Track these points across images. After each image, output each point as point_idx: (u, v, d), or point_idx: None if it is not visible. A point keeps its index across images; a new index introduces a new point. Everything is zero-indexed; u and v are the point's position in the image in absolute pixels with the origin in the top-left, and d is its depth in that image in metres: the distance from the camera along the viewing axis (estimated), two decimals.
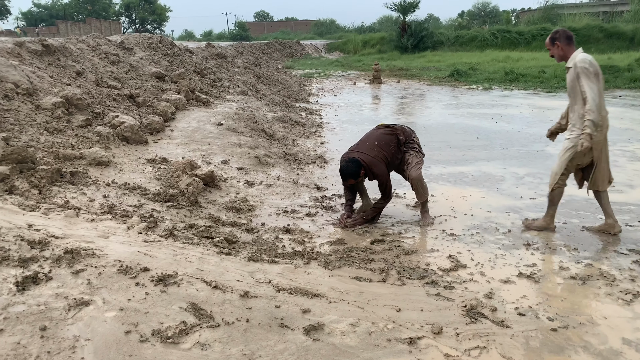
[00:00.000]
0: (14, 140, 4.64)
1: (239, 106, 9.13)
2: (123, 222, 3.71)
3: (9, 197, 3.77)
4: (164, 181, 4.88)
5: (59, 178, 4.26)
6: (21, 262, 2.90)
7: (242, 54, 17.28)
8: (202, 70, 11.21)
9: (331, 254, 3.79)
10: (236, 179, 5.51)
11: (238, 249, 3.70)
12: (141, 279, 2.93)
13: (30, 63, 6.63)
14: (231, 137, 6.91)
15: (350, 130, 9.50)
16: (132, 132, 5.82)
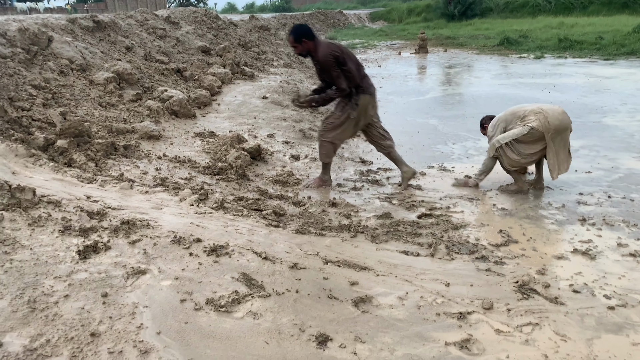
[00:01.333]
0: (70, 115, 4.83)
1: (283, 79, 9.12)
2: (175, 195, 3.82)
3: (68, 170, 3.94)
4: (213, 154, 4.96)
5: (113, 151, 4.41)
6: (82, 232, 3.05)
7: (285, 25, 17.17)
8: (247, 44, 11.23)
9: (378, 227, 3.78)
10: (282, 153, 5.55)
11: (286, 222, 3.74)
12: (194, 249, 3.02)
13: (82, 39, 6.82)
14: (276, 111, 6.93)
15: (395, 102, 9.34)
16: (180, 106, 5.93)
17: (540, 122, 4.38)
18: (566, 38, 17.82)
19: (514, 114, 4.59)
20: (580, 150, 5.96)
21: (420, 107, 8.85)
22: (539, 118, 4.39)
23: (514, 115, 4.57)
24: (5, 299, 2.34)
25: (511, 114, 4.62)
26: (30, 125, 4.38)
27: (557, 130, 4.40)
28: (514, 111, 4.63)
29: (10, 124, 4.23)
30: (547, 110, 4.43)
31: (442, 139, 6.63)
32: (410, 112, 8.45)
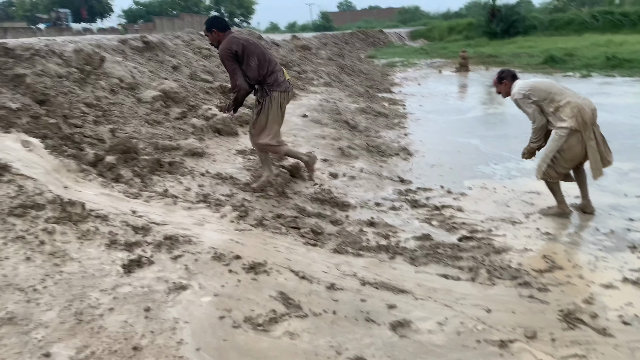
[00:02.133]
0: (119, 132, 5.03)
1: (323, 98, 9.22)
2: (216, 211, 3.90)
3: (115, 185, 4.09)
4: (253, 172, 5.05)
5: (159, 167, 4.56)
6: (127, 246, 3.14)
7: (325, 45, 17.41)
8: (288, 63, 11.43)
9: (417, 249, 3.74)
10: (320, 171, 5.58)
11: (323, 241, 3.75)
12: (233, 266, 3.07)
13: (132, 59, 7.11)
14: (315, 129, 7.00)
15: (435, 121, 9.27)
16: (223, 124, 6.08)
17: (577, 120, 4.17)
18: (614, 56, 17.28)
19: (549, 93, 4.30)
20: (630, 173, 5.73)
21: (461, 126, 8.75)
22: (575, 115, 4.17)
23: (548, 95, 4.29)
24: (54, 310, 2.44)
25: (546, 90, 4.32)
26: (82, 141, 4.58)
27: (592, 124, 4.23)
28: (549, 89, 4.33)
29: (64, 140, 4.43)
30: (581, 105, 4.20)
31: (483, 159, 6.52)
32: (450, 131, 8.36)
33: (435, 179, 5.63)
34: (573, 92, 4.36)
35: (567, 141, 4.22)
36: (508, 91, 4.63)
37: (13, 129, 4.23)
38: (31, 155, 4.04)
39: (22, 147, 4.09)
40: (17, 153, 3.98)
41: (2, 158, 3.76)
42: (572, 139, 4.21)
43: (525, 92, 4.35)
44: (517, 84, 4.53)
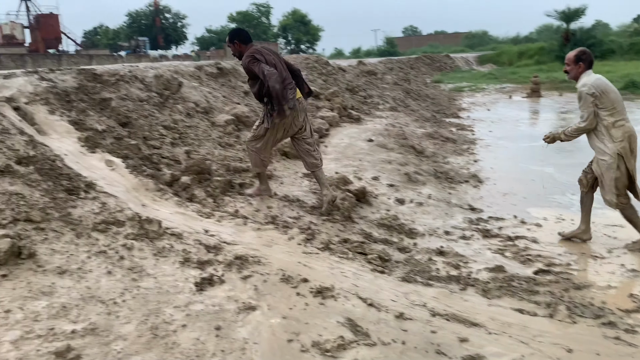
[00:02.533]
0: (194, 154, 5.24)
1: (389, 122, 9.19)
2: (284, 233, 3.94)
3: (189, 204, 4.25)
4: (319, 195, 5.08)
5: (230, 188, 4.69)
6: (199, 264, 3.23)
7: (391, 70, 17.45)
8: (354, 88, 11.54)
9: (489, 281, 3.58)
10: (387, 196, 5.53)
11: (391, 268, 3.69)
12: (301, 289, 3.07)
13: (207, 84, 7.45)
14: (381, 154, 6.97)
15: (506, 148, 8.97)
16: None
17: (624, 146, 4.09)
18: None
19: (614, 107, 4.12)
20: None
21: (533, 154, 8.39)
22: (625, 140, 4.08)
23: (612, 109, 4.12)
24: (132, 324, 2.53)
25: (612, 102, 4.13)
26: (160, 162, 4.82)
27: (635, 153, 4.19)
28: (614, 102, 4.14)
29: (143, 160, 4.68)
30: (633, 131, 4.13)
31: (559, 189, 6.20)
32: (523, 158, 8.05)
33: (508, 208, 5.42)
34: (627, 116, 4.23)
35: (619, 167, 4.13)
36: (577, 75, 4.33)
37: (98, 149, 4.52)
38: (113, 174, 4.29)
39: (105, 166, 4.35)
40: (101, 172, 4.25)
41: (88, 176, 4.02)
42: (620, 164, 4.13)
43: (595, 92, 4.13)
44: (590, 76, 4.24)
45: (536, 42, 43.89)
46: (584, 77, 4.25)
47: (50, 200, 3.40)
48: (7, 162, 3.57)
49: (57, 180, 3.71)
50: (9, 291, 2.55)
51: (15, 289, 2.58)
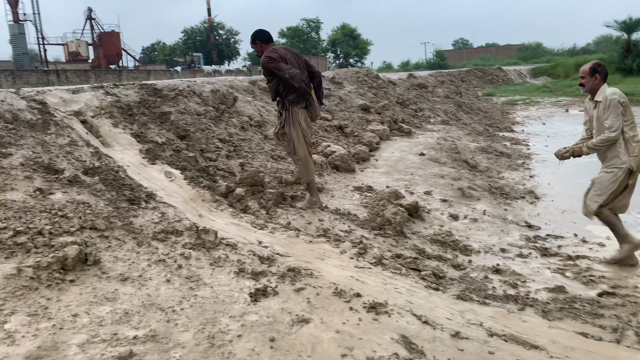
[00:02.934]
0: (247, 166, 5.35)
1: (441, 136, 9.06)
2: (336, 246, 3.94)
3: (243, 216, 4.32)
4: (370, 209, 5.05)
5: (282, 201, 4.75)
6: (254, 275, 3.28)
7: (442, 83, 17.23)
8: (405, 101, 11.47)
9: (550, 302, 3.43)
10: (439, 211, 5.43)
11: (446, 285, 3.60)
12: (354, 304, 3.05)
13: (260, 98, 7.61)
14: (433, 168, 6.87)
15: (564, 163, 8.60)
16: (342, 161, 6.21)
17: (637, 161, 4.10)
18: None
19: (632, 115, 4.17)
20: None
21: (593, 169, 8.00)
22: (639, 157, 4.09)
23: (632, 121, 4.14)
24: (190, 332, 2.59)
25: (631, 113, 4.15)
26: (215, 174, 4.95)
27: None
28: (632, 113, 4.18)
29: (200, 172, 4.82)
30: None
31: None
32: (582, 174, 7.65)
33: (567, 226, 5.20)
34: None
35: (623, 178, 4.16)
36: (595, 88, 4.27)
37: (158, 161, 4.69)
38: (172, 185, 4.44)
39: (165, 177, 4.51)
40: (161, 182, 4.40)
41: (149, 187, 4.18)
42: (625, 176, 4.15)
43: (622, 101, 4.10)
44: (611, 88, 4.22)
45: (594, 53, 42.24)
46: (605, 89, 4.22)
47: (113, 209, 3.56)
48: (75, 172, 3.77)
49: (120, 190, 3.88)
50: (76, 296, 2.67)
51: (82, 294, 2.70)
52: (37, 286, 2.62)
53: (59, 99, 4.95)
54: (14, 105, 4.23)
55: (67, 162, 3.85)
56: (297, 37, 67.94)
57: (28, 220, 3.08)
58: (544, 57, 53.81)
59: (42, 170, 3.61)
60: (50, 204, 3.29)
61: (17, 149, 3.70)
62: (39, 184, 3.44)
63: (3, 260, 2.71)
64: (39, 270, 2.69)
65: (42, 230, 3.03)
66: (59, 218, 3.19)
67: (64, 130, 4.27)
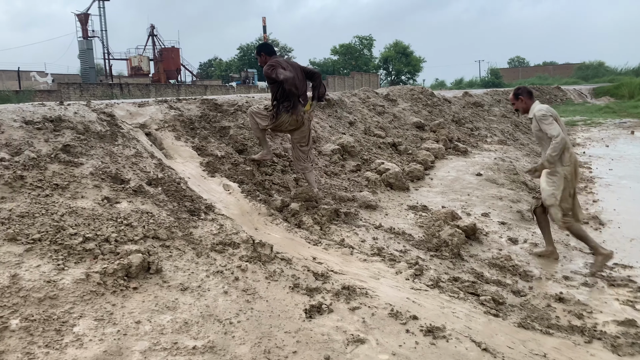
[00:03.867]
0: (301, 181, 5.38)
1: (498, 156, 8.81)
2: (391, 266, 3.87)
3: (298, 231, 4.34)
4: (426, 229, 4.95)
5: (336, 217, 4.74)
6: (308, 291, 3.27)
7: (498, 102, 16.81)
8: (460, 120, 11.27)
9: (619, 336, 3.22)
10: (498, 234, 5.25)
11: (505, 312, 3.46)
12: (410, 326, 2.98)
13: (315, 114, 7.67)
14: (491, 189, 6.67)
15: (630, 188, 8.17)
16: (396, 179, 6.14)
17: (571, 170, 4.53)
18: None
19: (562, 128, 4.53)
20: None
21: None
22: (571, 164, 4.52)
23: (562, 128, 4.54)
24: (247, 345, 2.60)
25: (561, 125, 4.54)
26: (271, 188, 5.01)
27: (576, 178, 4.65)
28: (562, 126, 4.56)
29: (257, 186, 4.89)
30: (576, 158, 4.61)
31: None
32: None
33: (637, 255, 4.89)
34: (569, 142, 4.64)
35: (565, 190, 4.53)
36: (525, 107, 4.75)
37: (217, 174, 4.80)
38: (230, 197, 4.53)
39: (223, 190, 4.61)
40: (219, 195, 4.50)
41: (208, 199, 4.27)
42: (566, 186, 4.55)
43: (551, 114, 4.53)
44: (537, 104, 4.69)
45: None
46: (535, 106, 4.67)
47: (175, 219, 3.66)
48: (140, 182, 3.91)
49: (181, 201, 3.99)
50: (139, 303, 2.75)
51: (144, 301, 2.77)
52: (103, 292, 2.71)
53: (125, 111, 5.18)
54: (86, 117, 4.45)
55: (133, 173, 4.00)
56: (349, 54, 68.46)
57: (96, 227, 3.21)
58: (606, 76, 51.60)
59: (110, 180, 3.76)
60: (116, 213, 3.42)
61: (87, 159, 3.88)
62: (106, 193, 3.59)
63: (73, 265, 2.83)
64: (105, 276, 2.79)
65: (108, 237, 3.15)
66: (124, 226, 3.31)
67: (130, 142, 4.46)
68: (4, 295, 2.44)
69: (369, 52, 71.29)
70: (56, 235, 2.98)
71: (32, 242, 2.87)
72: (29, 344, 2.24)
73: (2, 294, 2.43)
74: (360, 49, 70.76)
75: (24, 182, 3.35)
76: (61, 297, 2.56)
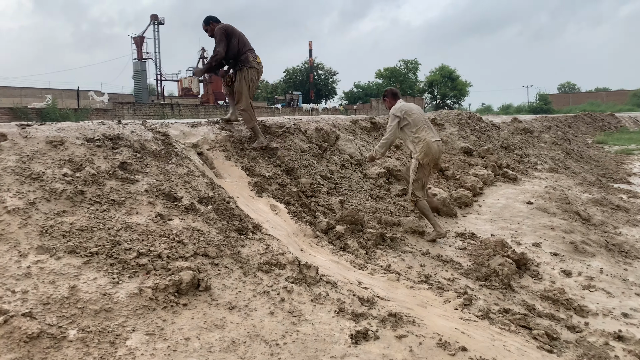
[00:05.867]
0: (347, 204, 5.38)
1: (549, 184, 8.52)
2: (439, 295, 3.78)
3: (343, 254, 4.32)
4: (474, 258, 4.83)
5: (382, 242, 4.69)
6: (354, 316, 3.22)
7: (549, 128, 16.35)
8: (509, 146, 11.02)
9: None
10: (550, 266, 5.05)
11: (560, 348, 3.30)
12: (460, 358, 2.88)
13: (360, 137, 7.70)
14: (542, 218, 6.44)
15: None
16: (443, 205, 6.04)
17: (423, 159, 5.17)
18: None
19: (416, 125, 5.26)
20: None
21: None
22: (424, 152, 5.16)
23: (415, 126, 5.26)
24: None
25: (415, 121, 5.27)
26: (317, 209, 5.02)
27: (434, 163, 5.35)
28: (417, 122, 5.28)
29: (302, 207, 4.92)
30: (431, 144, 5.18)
31: None
32: None
33: None
34: (433, 133, 5.33)
35: (417, 172, 5.25)
36: (390, 106, 5.57)
37: (265, 194, 4.86)
38: (277, 218, 4.57)
39: (270, 210, 4.66)
40: (266, 215, 4.55)
41: (256, 218, 4.32)
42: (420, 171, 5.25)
43: (398, 114, 5.36)
44: (398, 104, 5.48)
45: None
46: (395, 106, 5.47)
47: (223, 238, 3.71)
48: (192, 200, 4.00)
49: (230, 220, 4.05)
50: (188, 320, 2.79)
51: (193, 318, 2.81)
52: (154, 307, 2.77)
53: (179, 131, 5.36)
54: (142, 136, 4.63)
55: (185, 191, 4.11)
56: (393, 78, 68.55)
57: (149, 243, 3.30)
58: None
59: (163, 197, 3.88)
60: (168, 229, 3.51)
61: (142, 176, 4.02)
62: (160, 210, 3.69)
63: (127, 279, 2.91)
64: (157, 291, 2.86)
65: (161, 253, 3.23)
66: (176, 243, 3.39)
67: (183, 161, 4.59)
68: (63, 306, 2.53)
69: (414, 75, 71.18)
70: (112, 249, 3.09)
71: (89, 255, 2.98)
72: (85, 355, 2.31)
73: (62, 305, 2.53)
74: (405, 72, 70.75)
75: (84, 197, 3.49)
76: (115, 310, 2.64)
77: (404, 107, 5.38)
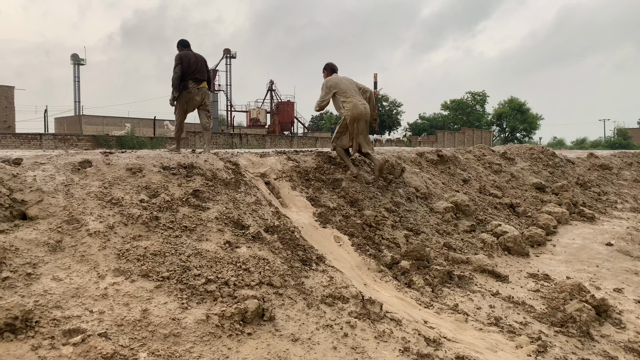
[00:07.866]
0: (412, 238, 5.26)
1: (631, 225, 7.94)
2: (510, 339, 3.57)
3: (408, 290, 4.20)
4: (548, 301, 4.53)
5: (449, 280, 4.53)
6: (419, 357, 3.10)
7: (630, 165, 15.33)
8: (585, 183, 10.43)
9: None
10: (634, 314, 4.64)
11: None
12: None
13: (427, 170, 7.57)
14: (624, 262, 5.98)
15: None
16: (514, 243, 5.77)
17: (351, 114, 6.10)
18: None
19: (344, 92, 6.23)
20: None
21: None
22: (351, 110, 6.11)
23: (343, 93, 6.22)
24: None
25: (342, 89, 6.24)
26: (381, 243, 4.94)
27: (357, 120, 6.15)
28: (345, 89, 6.25)
29: (366, 240, 4.87)
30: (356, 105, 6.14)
31: None
32: None
33: None
34: (360, 97, 6.30)
35: (342, 125, 6.26)
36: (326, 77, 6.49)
37: (329, 225, 4.86)
38: (340, 250, 4.54)
39: (334, 241, 4.64)
40: (330, 246, 4.53)
41: (319, 249, 4.32)
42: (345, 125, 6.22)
43: (327, 84, 6.31)
44: (331, 76, 6.41)
45: None
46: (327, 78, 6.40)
47: (288, 268, 3.73)
48: (258, 229, 4.07)
49: (294, 250, 4.08)
50: (253, 349, 2.79)
51: (257, 348, 2.82)
52: (220, 334, 2.81)
53: (248, 161, 5.51)
54: (214, 165, 4.80)
55: (252, 219, 4.19)
56: (460, 110, 67.38)
57: (217, 270, 3.37)
58: None
59: (232, 225, 3.97)
60: (236, 257, 3.57)
61: (213, 204, 4.15)
62: (228, 237, 3.78)
63: (195, 305, 2.98)
64: (223, 319, 2.90)
65: (228, 281, 3.28)
66: (242, 271, 3.44)
67: (251, 190, 4.70)
68: (135, 328, 2.62)
69: (482, 107, 69.61)
70: (182, 274, 3.18)
71: (161, 280, 3.09)
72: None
73: (134, 327, 2.62)
74: (472, 104, 69.39)
75: (158, 222, 3.65)
76: (183, 335, 2.69)
77: (330, 81, 6.32)
